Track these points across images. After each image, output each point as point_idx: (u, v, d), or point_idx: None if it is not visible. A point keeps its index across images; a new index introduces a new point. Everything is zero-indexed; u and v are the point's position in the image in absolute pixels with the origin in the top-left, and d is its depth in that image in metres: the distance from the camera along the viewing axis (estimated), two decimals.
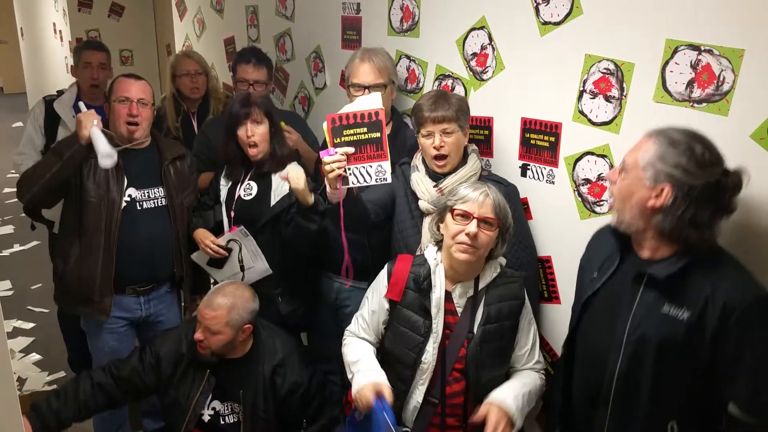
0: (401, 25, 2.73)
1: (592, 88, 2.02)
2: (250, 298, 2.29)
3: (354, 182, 2.06)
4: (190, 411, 2.26)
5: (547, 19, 2.13)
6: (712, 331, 1.50)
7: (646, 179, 1.55)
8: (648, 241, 1.62)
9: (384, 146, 2.03)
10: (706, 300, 1.51)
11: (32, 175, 2.46)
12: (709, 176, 1.50)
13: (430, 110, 2.15)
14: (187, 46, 4.78)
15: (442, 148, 2.16)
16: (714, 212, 1.52)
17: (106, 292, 2.52)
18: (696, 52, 1.72)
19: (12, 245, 5.72)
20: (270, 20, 3.62)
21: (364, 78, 2.49)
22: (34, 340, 4.12)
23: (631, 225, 1.62)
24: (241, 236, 2.50)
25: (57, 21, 7.15)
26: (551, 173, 2.20)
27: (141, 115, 2.50)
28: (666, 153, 1.52)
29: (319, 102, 3.37)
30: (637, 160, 1.57)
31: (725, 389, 1.53)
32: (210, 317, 2.19)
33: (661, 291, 1.57)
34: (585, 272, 1.85)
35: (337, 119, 2.03)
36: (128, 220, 2.51)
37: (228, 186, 2.62)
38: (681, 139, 1.53)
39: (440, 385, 1.95)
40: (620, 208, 1.63)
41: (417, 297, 1.97)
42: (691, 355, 1.53)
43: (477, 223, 1.86)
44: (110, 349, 2.64)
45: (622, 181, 1.62)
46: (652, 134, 1.58)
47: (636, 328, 1.60)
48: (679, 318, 1.53)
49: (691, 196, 1.50)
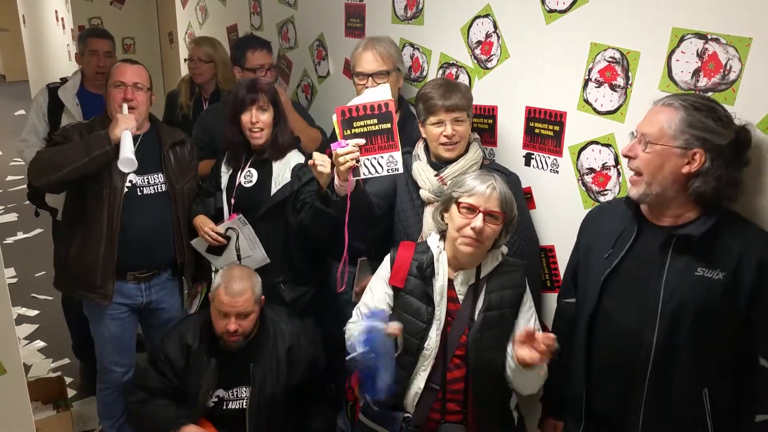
0: (405, 12, 2.72)
1: (597, 77, 2.01)
2: (250, 270, 2.40)
3: (365, 173, 2.06)
4: (206, 398, 2.31)
5: (552, 7, 2.11)
6: (750, 289, 1.53)
7: (676, 147, 1.55)
8: (672, 209, 1.63)
9: (395, 137, 2.02)
10: (739, 258, 1.53)
11: (53, 161, 2.41)
12: (732, 134, 1.53)
13: (443, 98, 2.14)
14: (190, 34, 4.77)
15: (454, 137, 2.15)
16: (737, 167, 1.56)
17: (108, 277, 2.53)
18: (702, 41, 1.71)
19: (16, 233, 5.74)
20: (273, 8, 3.60)
21: (366, 66, 2.48)
22: (38, 327, 4.14)
23: (660, 195, 1.61)
24: (239, 224, 2.50)
25: (59, 8, 7.12)
26: (555, 162, 2.20)
27: (136, 99, 2.48)
28: (693, 117, 1.54)
29: (322, 90, 3.36)
30: (663, 129, 1.56)
31: (758, 344, 1.55)
32: (241, 303, 2.25)
33: (692, 254, 1.58)
34: (592, 252, 1.82)
35: (346, 111, 2.03)
36: (129, 206, 2.51)
37: (229, 173, 2.62)
38: (701, 102, 1.56)
39: (441, 371, 1.96)
40: (650, 181, 1.60)
41: (420, 284, 1.98)
42: (728, 316, 1.55)
43: (483, 217, 1.86)
44: (112, 335, 2.66)
45: (648, 154, 1.60)
46: (667, 102, 1.59)
47: (671, 295, 1.59)
48: (714, 278, 1.55)
49: (722, 155, 1.53)
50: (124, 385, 2.73)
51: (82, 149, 2.38)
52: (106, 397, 2.79)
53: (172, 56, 5.83)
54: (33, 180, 2.51)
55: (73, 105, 3.26)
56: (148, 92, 2.56)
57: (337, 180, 2.11)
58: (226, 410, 2.34)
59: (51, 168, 2.40)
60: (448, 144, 2.16)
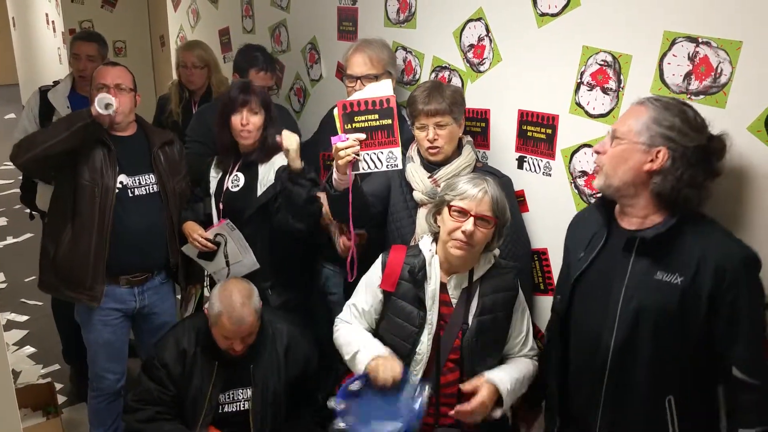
0: (398, 16, 2.72)
1: (589, 80, 2.01)
2: (248, 286, 2.30)
3: (365, 168, 2.06)
4: (206, 404, 2.26)
5: (544, 11, 2.12)
6: (707, 295, 1.51)
7: (641, 143, 1.56)
8: (637, 210, 1.62)
9: (395, 133, 2.02)
10: (698, 263, 1.52)
11: (35, 139, 2.44)
12: (700, 139, 1.53)
13: (423, 103, 2.15)
14: (182, 37, 4.75)
15: (436, 141, 2.16)
16: (705, 175, 1.55)
17: (98, 279, 2.50)
18: (694, 44, 1.72)
19: (5, 237, 5.70)
20: (265, 11, 3.60)
21: (355, 68, 2.49)
22: (28, 333, 4.10)
23: (620, 190, 1.62)
24: (227, 230, 2.49)
25: (49, 11, 7.09)
26: (548, 165, 2.20)
27: (119, 99, 2.47)
28: (660, 115, 1.54)
29: (314, 93, 3.36)
30: (630, 126, 1.57)
31: (725, 354, 1.53)
32: (247, 329, 2.19)
33: (652, 258, 1.58)
34: (570, 253, 1.85)
35: (348, 105, 2.02)
36: (120, 207, 2.50)
37: (218, 177, 2.61)
38: (672, 102, 1.56)
39: (435, 375, 1.95)
40: (610, 173, 1.61)
41: (411, 288, 1.97)
42: (687, 322, 1.54)
43: (474, 221, 1.86)
44: (104, 341, 2.64)
45: (614, 149, 1.61)
46: (641, 101, 1.60)
47: (630, 298, 1.60)
48: (673, 283, 1.54)
49: (686, 156, 1.52)
50: (116, 394, 2.71)
51: (64, 125, 2.42)
52: (98, 404, 2.75)
53: (163, 59, 5.82)
54: (15, 159, 2.49)
55: (63, 108, 3.24)
56: (132, 93, 2.55)
57: (336, 174, 2.11)
58: (223, 413, 2.32)
59: (33, 145, 2.41)
60: (431, 148, 2.17)
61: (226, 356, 2.27)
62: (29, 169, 2.62)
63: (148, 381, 2.31)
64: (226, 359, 2.28)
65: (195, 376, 2.29)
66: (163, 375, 2.29)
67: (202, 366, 2.29)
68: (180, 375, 2.29)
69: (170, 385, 2.29)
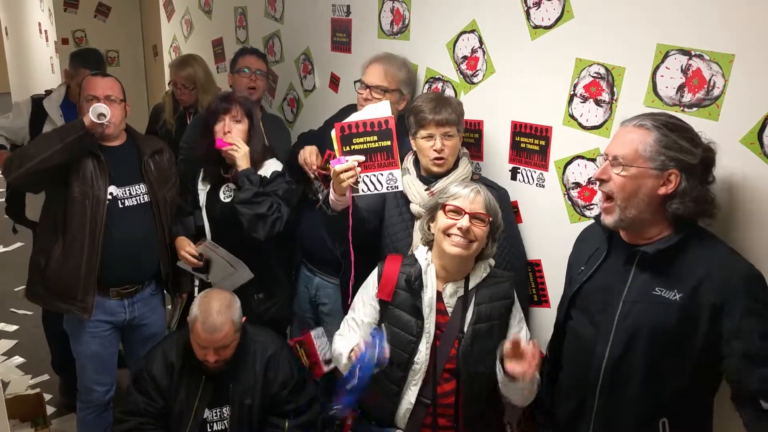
0: (391, 27, 2.73)
1: (582, 92, 2.02)
2: (230, 296, 2.29)
3: (364, 190, 2.05)
4: (192, 419, 2.24)
5: (537, 23, 2.13)
6: (709, 314, 1.48)
7: (652, 169, 1.53)
8: (648, 230, 1.60)
9: (395, 154, 2.02)
10: (700, 280, 1.49)
11: (27, 153, 2.40)
12: (701, 152, 1.53)
13: (433, 112, 2.13)
14: (175, 47, 4.75)
15: (443, 152, 2.15)
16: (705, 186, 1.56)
17: (89, 290, 2.48)
18: (687, 57, 1.73)
19: None
20: (259, 22, 3.60)
21: (369, 77, 2.47)
22: (17, 343, 4.06)
23: (636, 218, 1.58)
24: (211, 249, 2.46)
25: (42, 21, 7.07)
26: (541, 177, 2.20)
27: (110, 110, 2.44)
28: (668, 139, 1.52)
29: (307, 104, 3.36)
30: (638, 151, 1.54)
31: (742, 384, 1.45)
32: (220, 338, 2.17)
33: (653, 272, 1.56)
34: (572, 269, 1.85)
35: (346, 127, 2.02)
36: (110, 218, 2.48)
37: (206, 190, 2.59)
38: (672, 122, 1.56)
39: (432, 385, 1.95)
40: (625, 205, 1.57)
41: (408, 297, 1.97)
42: (683, 340, 1.52)
43: (469, 218, 1.87)
44: (93, 353, 2.61)
45: (622, 177, 1.56)
46: (639, 123, 1.57)
47: (627, 313, 1.58)
48: (671, 299, 1.52)
49: (695, 173, 1.52)
50: (105, 405, 2.68)
51: (56, 137, 2.39)
52: (86, 416, 2.72)
53: (156, 69, 5.81)
54: (6, 174, 2.45)
55: (57, 115, 3.27)
56: (122, 103, 2.54)
57: (333, 195, 2.10)
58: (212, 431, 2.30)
59: (26, 158, 2.38)
60: (437, 158, 2.16)
61: (208, 371, 2.25)
62: (23, 183, 2.53)
63: (136, 393, 2.29)
64: (210, 374, 2.26)
65: (182, 389, 2.27)
66: (150, 387, 2.27)
67: (188, 380, 2.27)
68: (167, 387, 2.27)
69: (158, 397, 2.27)
